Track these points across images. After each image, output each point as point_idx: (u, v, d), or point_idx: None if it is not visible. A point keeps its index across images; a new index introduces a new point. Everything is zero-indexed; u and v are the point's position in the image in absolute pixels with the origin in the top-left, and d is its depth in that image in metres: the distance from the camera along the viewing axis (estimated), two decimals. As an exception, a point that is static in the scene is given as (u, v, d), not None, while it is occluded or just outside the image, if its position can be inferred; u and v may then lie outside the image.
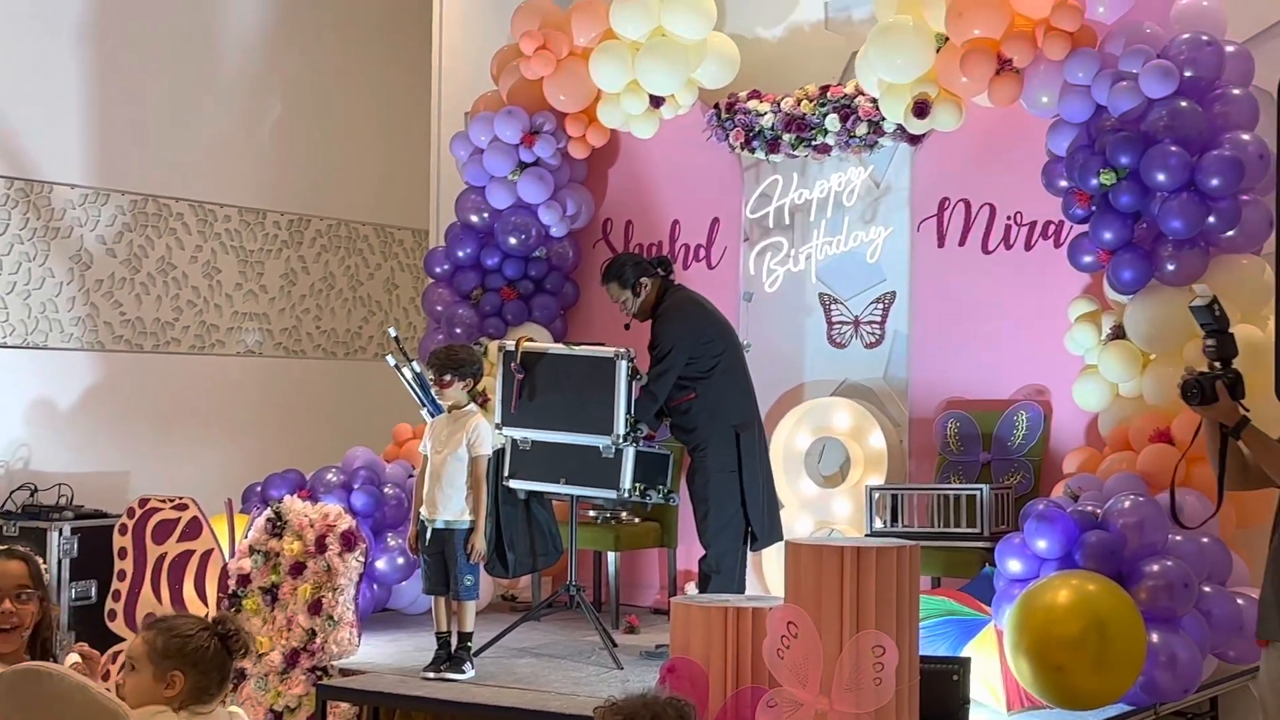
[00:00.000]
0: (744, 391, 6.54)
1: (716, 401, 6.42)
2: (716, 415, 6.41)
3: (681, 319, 6.48)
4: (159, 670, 3.40)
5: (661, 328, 6.47)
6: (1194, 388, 4.21)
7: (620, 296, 6.59)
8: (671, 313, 6.51)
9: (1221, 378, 4.19)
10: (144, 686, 3.40)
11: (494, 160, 7.90)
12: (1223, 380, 4.19)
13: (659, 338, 6.45)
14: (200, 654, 3.42)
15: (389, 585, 7.09)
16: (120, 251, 8.62)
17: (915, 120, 6.87)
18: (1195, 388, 4.20)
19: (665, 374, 6.37)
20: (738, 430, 6.41)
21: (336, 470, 7.13)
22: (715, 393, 6.42)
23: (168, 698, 3.40)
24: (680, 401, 6.43)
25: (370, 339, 10.03)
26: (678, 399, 6.42)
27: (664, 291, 6.59)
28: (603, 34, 7.71)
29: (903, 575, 4.50)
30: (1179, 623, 5.30)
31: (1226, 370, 4.22)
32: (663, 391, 6.36)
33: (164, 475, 8.35)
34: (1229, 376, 4.20)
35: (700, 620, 4.83)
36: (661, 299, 6.57)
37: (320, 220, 9.75)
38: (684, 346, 6.40)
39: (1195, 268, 6.10)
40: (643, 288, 6.55)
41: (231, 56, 9.25)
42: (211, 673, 3.44)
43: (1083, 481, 5.87)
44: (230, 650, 3.47)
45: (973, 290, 7.07)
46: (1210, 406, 4.20)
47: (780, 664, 4.45)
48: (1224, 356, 4.25)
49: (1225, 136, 6.01)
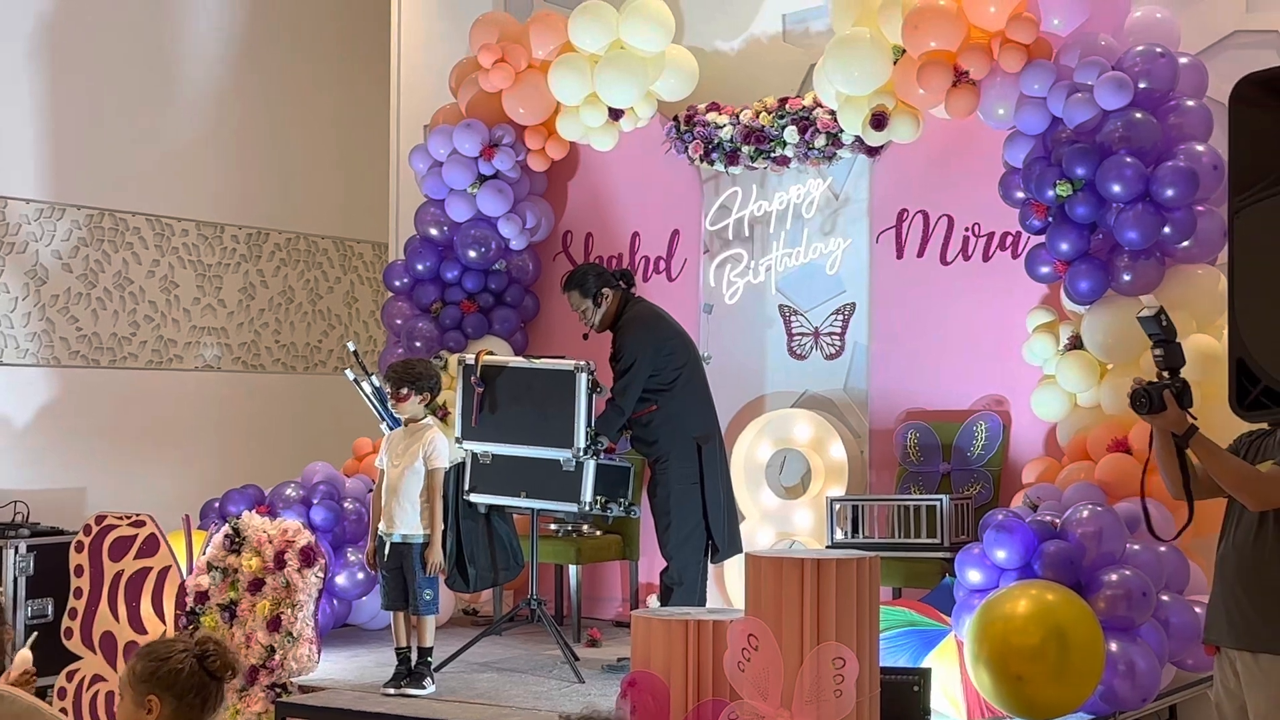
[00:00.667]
0: (704, 403, 6.55)
1: (678, 413, 6.42)
2: (678, 427, 6.41)
3: (644, 331, 6.48)
4: (138, 695, 3.35)
5: (623, 340, 6.46)
6: (1142, 397, 4.24)
7: (581, 305, 6.58)
8: (633, 325, 6.50)
9: (1169, 387, 4.23)
10: (126, 713, 3.36)
11: (453, 173, 7.88)
12: (1170, 389, 4.22)
13: (621, 350, 6.44)
14: (175, 677, 3.36)
15: (349, 601, 7.06)
16: (76, 266, 8.56)
17: (873, 132, 6.89)
18: (1144, 397, 4.23)
19: (630, 387, 6.36)
20: (699, 442, 6.41)
21: (296, 485, 7.09)
22: (676, 405, 6.42)
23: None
24: (642, 414, 6.42)
25: (330, 353, 9.99)
26: (639, 411, 6.42)
27: (624, 303, 6.58)
28: (561, 46, 7.71)
29: (863, 586, 4.50)
30: (1137, 632, 5.32)
31: (1174, 379, 4.25)
32: (629, 405, 6.36)
33: (121, 492, 8.29)
34: (1176, 385, 4.23)
35: (661, 633, 4.82)
36: (622, 311, 6.56)
37: (279, 234, 9.71)
38: (646, 358, 6.39)
39: (1151, 278, 6.15)
40: (604, 298, 6.55)
41: (189, 70, 9.21)
42: (189, 696, 3.35)
43: (1041, 491, 5.89)
44: (210, 672, 3.38)
45: (931, 301, 7.09)
46: (1159, 415, 4.22)
47: (741, 676, 4.45)
48: (1172, 366, 4.28)
49: (1179, 148, 6.06)
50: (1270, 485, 4.10)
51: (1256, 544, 4.14)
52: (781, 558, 4.53)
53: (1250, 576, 4.14)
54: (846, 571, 4.46)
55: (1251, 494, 4.12)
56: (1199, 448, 4.22)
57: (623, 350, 6.44)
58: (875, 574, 4.61)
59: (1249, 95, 4.15)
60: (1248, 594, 4.15)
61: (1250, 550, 4.15)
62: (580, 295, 6.57)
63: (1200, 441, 4.22)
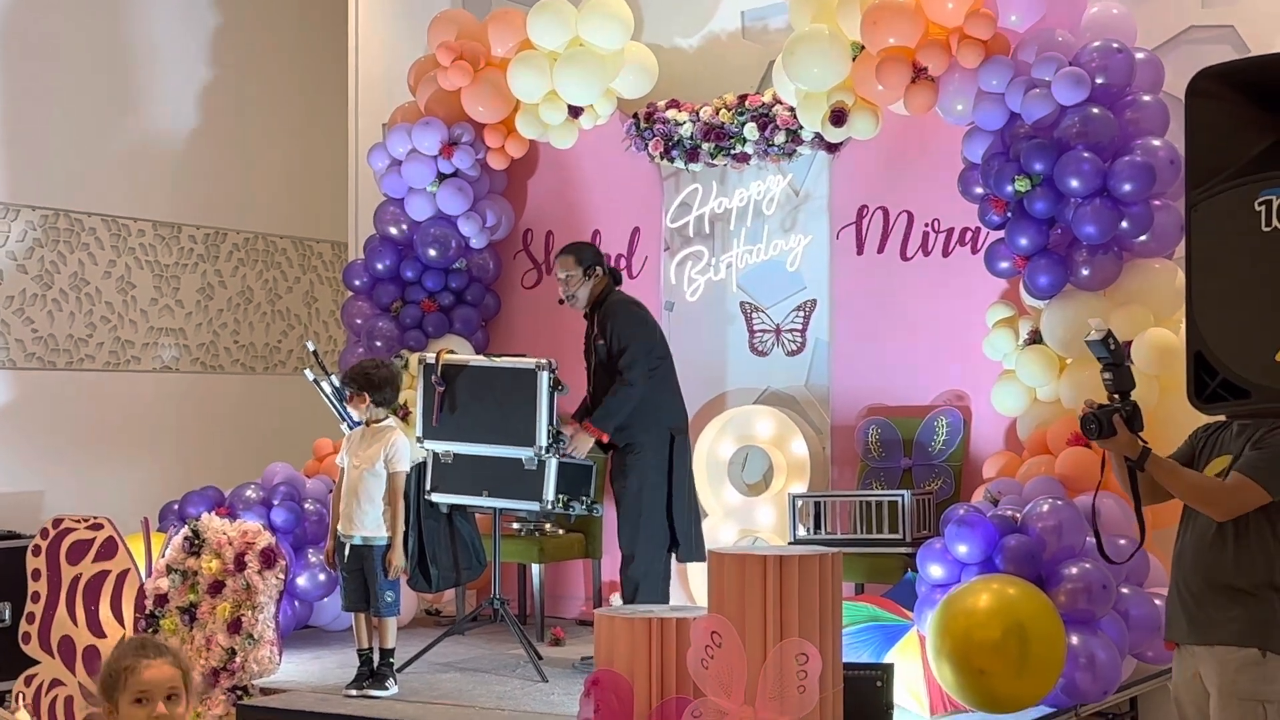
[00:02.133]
0: (678, 395, 6.56)
1: (655, 402, 6.40)
2: (654, 416, 6.40)
3: (639, 311, 6.53)
4: (99, 701, 3.36)
5: (617, 321, 6.43)
6: (1091, 422, 4.18)
7: (570, 273, 6.52)
8: (624, 307, 6.50)
9: (1119, 410, 4.17)
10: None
11: (412, 171, 7.85)
12: (1120, 413, 4.17)
13: (616, 330, 6.40)
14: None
15: (310, 602, 7.02)
16: (31, 268, 8.48)
17: (833, 129, 6.90)
18: (1093, 422, 4.17)
19: (636, 363, 6.35)
20: (673, 433, 6.42)
21: (256, 486, 7.05)
22: (655, 393, 6.41)
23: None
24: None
25: (289, 353, 9.93)
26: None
27: (605, 292, 6.56)
28: (520, 44, 7.68)
29: (825, 583, 4.51)
30: (1098, 624, 5.35)
31: (1124, 402, 4.20)
32: (641, 380, 6.35)
33: (79, 495, 8.21)
34: (1126, 409, 4.18)
35: (625, 632, 4.81)
36: (602, 298, 6.54)
37: (237, 234, 9.65)
38: (642, 337, 6.42)
39: (1109, 272, 6.18)
40: (594, 275, 6.52)
41: (144, 68, 9.13)
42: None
43: (1002, 486, 5.92)
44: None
45: (892, 297, 7.11)
46: (1109, 440, 4.18)
47: (704, 674, 4.45)
48: (1121, 389, 4.23)
49: (1137, 143, 6.10)
50: (1233, 495, 4.07)
51: (1214, 540, 4.13)
52: (744, 554, 4.53)
53: (1205, 572, 4.13)
54: (809, 568, 4.46)
55: (1215, 506, 4.09)
56: (1155, 469, 4.18)
57: (619, 330, 6.41)
58: (838, 570, 4.61)
59: (1205, 89, 4.17)
60: (1203, 589, 4.13)
61: (1206, 546, 4.14)
62: (575, 262, 6.53)
63: (1156, 463, 4.18)
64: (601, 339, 6.43)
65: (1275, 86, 4.03)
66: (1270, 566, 4.06)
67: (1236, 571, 4.08)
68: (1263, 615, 4.05)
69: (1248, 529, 4.09)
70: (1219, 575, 4.11)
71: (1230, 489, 4.07)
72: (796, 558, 4.46)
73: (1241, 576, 4.07)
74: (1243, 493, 4.05)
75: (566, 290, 6.55)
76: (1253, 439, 4.11)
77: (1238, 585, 4.07)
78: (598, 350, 6.45)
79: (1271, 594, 4.06)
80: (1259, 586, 4.05)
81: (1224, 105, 4.11)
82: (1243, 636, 4.05)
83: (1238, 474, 4.07)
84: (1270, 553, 4.07)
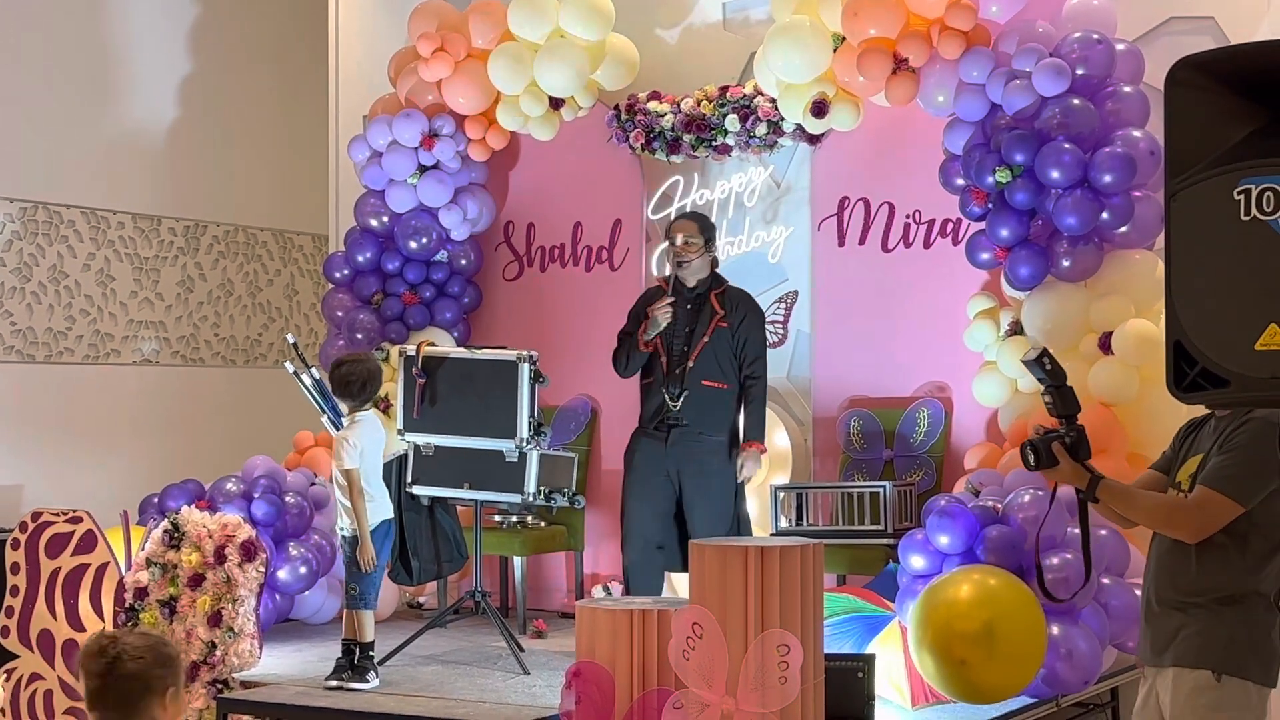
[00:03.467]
0: None
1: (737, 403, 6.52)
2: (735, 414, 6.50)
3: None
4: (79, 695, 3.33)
5: (759, 322, 6.55)
6: (1028, 451, 3.80)
7: (693, 239, 6.49)
8: (759, 310, 6.60)
9: (1061, 437, 3.81)
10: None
11: (393, 163, 7.83)
12: (1062, 440, 3.81)
13: (756, 330, 6.49)
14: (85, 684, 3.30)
15: (291, 595, 7.00)
16: (10, 260, 8.44)
17: (814, 120, 6.90)
18: (1030, 451, 3.80)
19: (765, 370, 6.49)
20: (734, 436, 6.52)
21: (236, 479, 7.02)
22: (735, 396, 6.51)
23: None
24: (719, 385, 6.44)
25: (270, 346, 9.90)
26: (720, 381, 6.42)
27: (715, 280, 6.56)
28: (501, 35, 7.66)
29: (807, 574, 4.50)
30: (1078, 615, 5.36)
31: (1069, 428, 3.83)
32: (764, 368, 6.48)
33: (58, 488, 8.18)
34: (1070, 435, 3.81)
35: (606, 623, 4.80)
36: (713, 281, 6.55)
37: (217, 226, 9.61)
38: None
39: (1090, 263, 6.19)
40: (714, 249, 6.58)
41: (123, 60, 9.09)
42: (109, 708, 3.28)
43: (983, 477, 5.92)
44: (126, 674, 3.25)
45: (873, 288, 7.11)
46: (1051, 470, 3.83)
47: (686, 665, 4.44)
48: (1066, 413, 3.86)
49: (1117, 134, 6.11)
50: (1200, 514, 3.70)
51: (1172, 547, 3.82)
52: (725, 546, 4.53)
53: (1163, 584, 3.83)
54: (790, 559, 4.46)
55: (1182, 528, 3.73)
56: (1109, 498, 3.81)
57: (759, 333, 6.51)
58: (819, 561, 4.61)
59: (1185, 79, 4.17)
60: (1160, 603, 3.82)
61: (1165, 554, 3.85)
62: (699, 229, 6.52)
63: (1108, 491, 3.81)
64: (726, 324, 6.41)
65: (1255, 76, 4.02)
66: (1229, 578, 3.72)
67: (1193, 584, 3.74)
68: (1216, 633, 3.69)
69: (1209, 536, 3.74)
70: (1175, 587, 3.79)
71: (1194, 507, 3.73)
72: (778, 549, 4.46)
73: (1197, 589, 3.74)
74: (1209, 509, 3.70)
75: (680, 257, 6.47)
76: (1219, 439, 3.81)
77: (1191, 599, 3.74)
78: (719, 333, 6.40)
79: (1225, 609, 3.70)
80: (1213, 601, 3.72)
81: (1203, 95, 4.10)
82: (1194, 657, 3.71)
83: (1201, 487, 3.74)
84: (1231, 562, 3.72)
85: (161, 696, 3.28)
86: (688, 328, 6.45)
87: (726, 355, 6.42)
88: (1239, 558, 3.72)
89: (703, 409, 6.40)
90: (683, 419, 6.40)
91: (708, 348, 6.41)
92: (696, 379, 6.38)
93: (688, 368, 6.40)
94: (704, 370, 6.40)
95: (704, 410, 6.41)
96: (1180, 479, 3.93)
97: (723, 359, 6.41)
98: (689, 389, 6.38)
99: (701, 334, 6.41)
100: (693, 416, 6.40)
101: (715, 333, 6.41)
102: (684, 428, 6.41)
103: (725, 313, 6.44)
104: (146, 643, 3.32)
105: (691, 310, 6.49)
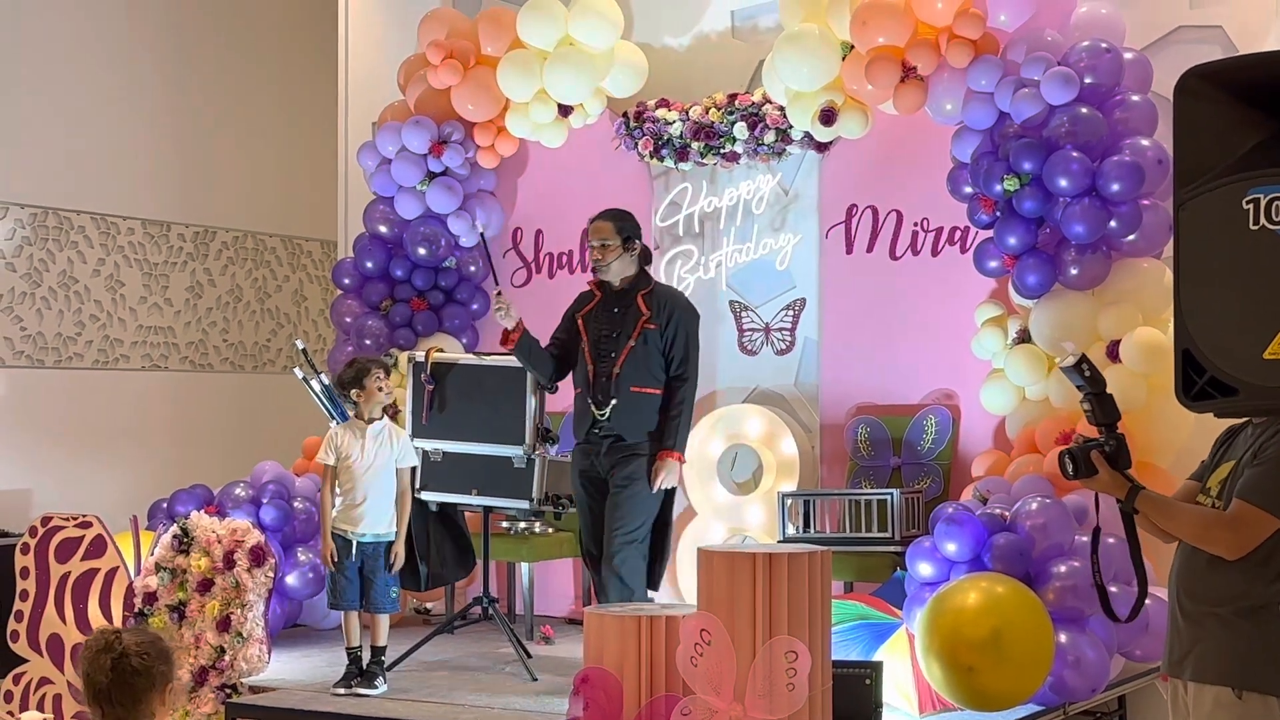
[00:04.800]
0: None
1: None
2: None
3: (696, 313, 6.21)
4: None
5: (689, 321, 6.11)
6: (1066, 460, 3.72)
7: (608, 240, 6.12)
8: (694, 310, 6.18)
9: (1100, 446, 3.72)
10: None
11: (402, 170, 7.85)
12: (1101, 449, 3.72)
13: (688, 330, 6.07)
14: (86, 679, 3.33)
15: (299, 600, 7.01)
16: (20, 265, 8.47)
17: (822, 128, 6.91)
18: (1068, 460, 3.71)
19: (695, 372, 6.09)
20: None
21: (245, 485, 7.04)
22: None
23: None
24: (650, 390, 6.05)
25: (279, 352, 9.93)
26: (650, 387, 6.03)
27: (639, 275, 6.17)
28: (510, 43, 7.68)
29: (814, 581, 4.51)
30: (1086, 623, 5.36)
31: (1109, 437, 3.74)
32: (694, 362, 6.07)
33: (68, 493, 8.21)
34: (1110, 444, 3.72)
35: (614, 630, 4.81)
36: (639, 282, 6.15)
37: (226, 232, 9.64)
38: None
39: (1098, 272, 6.20)
40: (633, 249, 6.14)
41: (134, 66, 9.12)
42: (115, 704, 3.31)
43: (991, 484, 5.93)
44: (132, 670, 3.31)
45: (881, 296, 7.12)
46: (1090, 480, 3.74)
47: (694, 672, 4.45)
48: (1106, 421, 3.77)
49: (1125, 142, 6.11)
50: (1238, 529, 3.57)
51: (1193, 552, 3.72)
52: (733, 553, 4.53)
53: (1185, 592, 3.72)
54: (798, 566, 4.47)
55: (1219, 543, 3.59)
56: (1149, 509, 3.71)
57: (691, 332, 6.08)
58: (827, 568, 4.62)
59: (1193, 88, 4.18)
60: (1184, 612, 3.71)
61: (1187, 559, 3.74)
62: (615, 229, 6.13)
63: (1148, 502, 3.71)
64: (655, 326, 6.02)
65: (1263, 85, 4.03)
66: (1248, 588, 3.59)
67: (1212, 593, 3.63)
68: (1232, 646, 3.58)
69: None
70: (1193, 597, 3.68)
71: (1232, 522, 3.59)
72: (786, 556, 4.47)
73: (1215, 599, 3.62)
74: (1246, 523, 3.56)
75: (598, 259, 6.11)
76: (1253, 448, 3.70)
77: (1209, 610, 3.63)
78: (646, 336, 6.01)
79: (1242, 621, 3.58)
80: (1231, 612, 3.60)
81: (1212, 104, 4.10)
82: (1212, 672, 3.61)
83: (1238, 501, 3.61)
84: (1251, 572, 3.59)
85: (162, 691, 3.34)
86: (614, 331, 6.06)
87: (656, 359, 6.02)
88: (1261, 568, 3.61)
89: (634, 417, 5.99)
90: (614, 430, 6.00)
91: (634, 352, 6.00)
92: (625, 386, 5.98)
93: (614, 374, 6.00)
94: (632, 376, 5.99)
95: (636, 419, 5.99)
96: (1210, 485, 3.84)
97: (653, 363, 6.01)
98: (618, 397, 5.99)
99: (627, 338, 6.01)
100: (624, 426, 5.99)
101: (642, 335, 6.01)
102: (616, 440, 6.01)
103: (652, 313, 6.02)
104: (148, 638, 3.39)
105: (618, 313, 6.11)
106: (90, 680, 3.31)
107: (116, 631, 3.40)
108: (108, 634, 3.37)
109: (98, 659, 3.30)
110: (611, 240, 6.14)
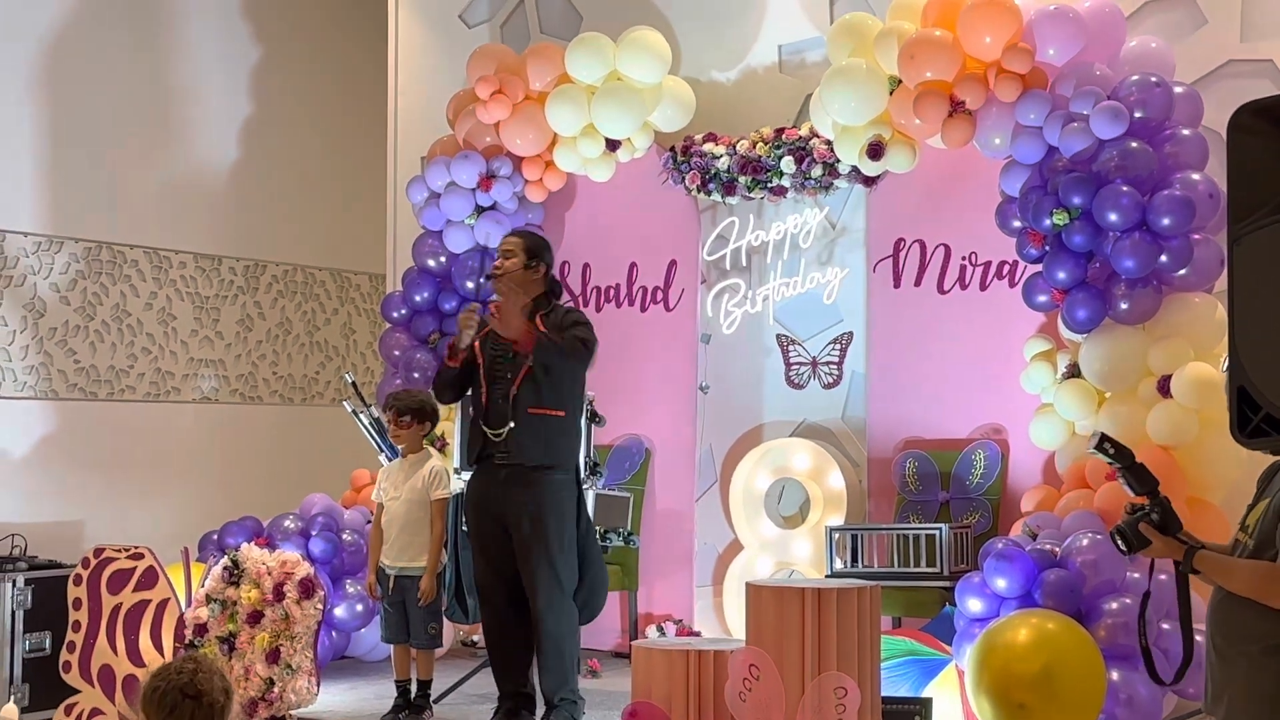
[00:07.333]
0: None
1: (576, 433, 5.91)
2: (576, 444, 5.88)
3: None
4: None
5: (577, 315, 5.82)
6: (1117, 539, 3.75)
7: (514, 254, 5.80)
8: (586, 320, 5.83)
9: (1146, 516, 3.74)
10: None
11: (451, 204, 7.90)
12: (1149, 518, 3.74)
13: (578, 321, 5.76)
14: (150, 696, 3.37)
15: (348, 632, 7.04)
16: (74, 299, 8.57)
17: (870, 162, 6.91)
18: (1118, 538, 3.75)
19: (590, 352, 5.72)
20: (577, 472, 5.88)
21: (294, 517, 7.08)
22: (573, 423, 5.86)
23: None
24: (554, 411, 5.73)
25: (327, 384, 9.99)
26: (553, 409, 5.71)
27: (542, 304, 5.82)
28: (558, 78, 7.74)
29: (863, 616, 4.50)
30: (1138, 660, 5.31)
31: (1153, 505, 3.75)
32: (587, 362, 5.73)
33: (119, 524, 8.27)
34: (1155, 512, 3.74)
35: (662, 664, 4.81)
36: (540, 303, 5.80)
37: (276, 265, 9.72)
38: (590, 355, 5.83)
39: (1148, 306, 6.16)
40: (537, 271, 5.80)
41: (187, 103, 9.23)
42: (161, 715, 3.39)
43: (1041, 520, 5.89)
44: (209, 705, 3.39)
45: (929, 330, 7.10)
46: (1147, 550, 3.74)
47: (743, 707, 4.44)
48: (1143, 490, 3.79)
49: (1176, 176, 6.08)
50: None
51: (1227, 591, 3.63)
52: (782, 587, 4.53)
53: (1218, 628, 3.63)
54: (847, 601, 4.46)
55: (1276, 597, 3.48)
56: (1206, 569, 3.67)
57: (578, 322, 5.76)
58: (876, 603, 4.61)
59: (1247, 124, 4.16)
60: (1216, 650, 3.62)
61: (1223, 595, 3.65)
62: (523, 247, 5.83)
63: (1205, 561, 3.67)
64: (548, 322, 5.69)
65: (1317, 121, 4.01)
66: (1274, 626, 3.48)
67: (1244, 630, 3.54)
68: (1262, 688, 3.49)
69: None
70: (1225, 635, 3.60)
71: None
72: (835, 591, 4.46)
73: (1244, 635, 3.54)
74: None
75: (500, 269, 5.77)
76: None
77: (1239, 648, 3.56)
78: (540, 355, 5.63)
79: (1271, 660, 3.49)
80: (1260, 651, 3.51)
81: (1266, 140, 4.08)
82: (1246, 713, 3.52)
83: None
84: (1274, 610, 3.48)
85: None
86: (511, 353, 5.72)
87: (556, 379, 5.69)
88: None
89: (535, 440, 5.65)
90: (511, 454, 5.67)
91: (532, 374, 5.66)
92: (522, 408, 5.65)
93: (512, 394, 5.66)
94: (530, 397, 5.66)
95: (537, 442, 5.66)
96: (1249, 522, 3.77)
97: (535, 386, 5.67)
98: (515, 420, 5.66)
99: (524, 359, 5.64)
100: (525, 450, 5.65)
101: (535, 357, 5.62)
102: (515, 466, 5.67)
103: (548, 332, 5.67)
104: (215, 670, 3.47)
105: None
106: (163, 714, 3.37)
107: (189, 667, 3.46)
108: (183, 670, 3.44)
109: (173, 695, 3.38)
110: (518, 256, 5.80)
